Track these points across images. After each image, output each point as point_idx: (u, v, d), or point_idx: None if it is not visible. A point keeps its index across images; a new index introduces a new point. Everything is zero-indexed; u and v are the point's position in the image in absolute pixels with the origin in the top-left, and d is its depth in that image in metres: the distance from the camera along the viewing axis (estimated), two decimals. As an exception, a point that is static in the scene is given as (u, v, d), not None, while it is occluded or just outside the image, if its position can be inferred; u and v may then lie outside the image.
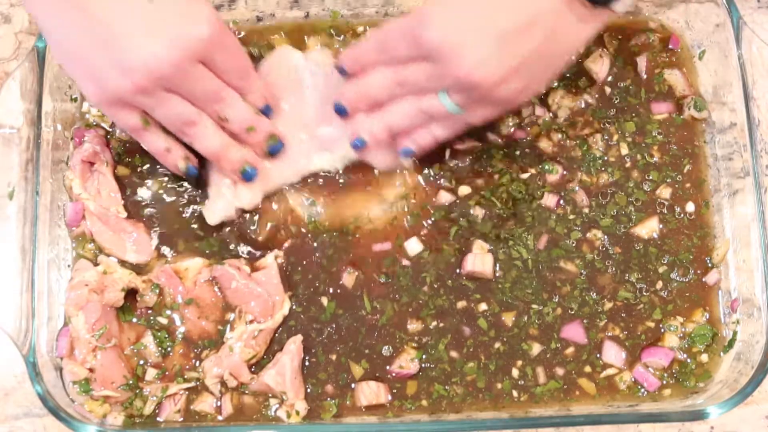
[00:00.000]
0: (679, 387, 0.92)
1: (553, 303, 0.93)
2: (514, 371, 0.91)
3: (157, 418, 0.88)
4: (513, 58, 0.81)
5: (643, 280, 0.94)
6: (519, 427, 0.87)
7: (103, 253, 0.91)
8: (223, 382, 0.88)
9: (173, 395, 0.88)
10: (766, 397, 0.96)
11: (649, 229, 0.96)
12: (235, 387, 0.89)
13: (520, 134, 0.97)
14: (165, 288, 0.90)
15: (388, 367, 0.90)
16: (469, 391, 0.90)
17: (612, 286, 0.94)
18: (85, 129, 0.94)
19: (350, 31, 0.99)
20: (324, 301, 0.91)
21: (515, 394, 0.90)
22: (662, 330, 0.93)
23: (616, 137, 0.98)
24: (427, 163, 0.95)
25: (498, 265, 0.93)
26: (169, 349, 0.89)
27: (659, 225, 0.96)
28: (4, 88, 0.88)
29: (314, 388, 0.89)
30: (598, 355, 0.92)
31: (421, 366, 0.90)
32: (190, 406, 0.88)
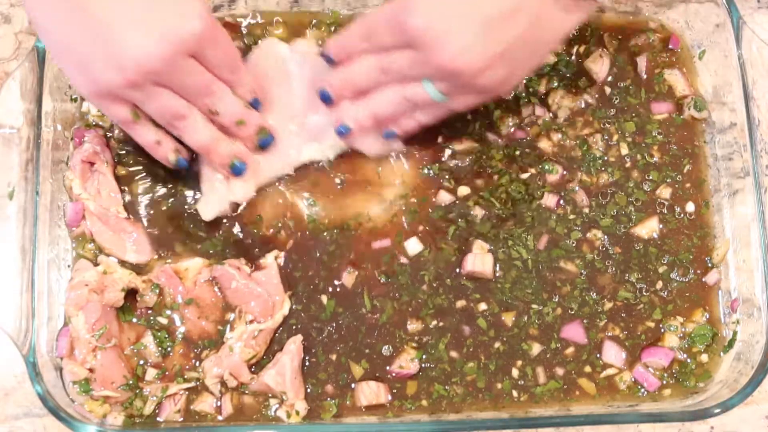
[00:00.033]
0: (679, 387, 0.92)
1: (553, 303, 0.93)
2: (514, 371, 0.91)
3: (157, 418, 0.88)
4: (497, 45, 0.80)
5: (643, 280, 0.94)
6: (519, 427, 0.87)
7: (103, 253, 0.91)
8: (223, 382, 0.88)
9: (173, 395, 0.88)
10: (766, 397, 0.96)
11: (649, 229, 0.96)
12: (235, 387, 0.89)
13: (520, 134, 0.97)
14: (165, 288, 0.90)
15: (388, 367, 0.90)
16: (469, 391, 0.90)
17: (612, 286, 0.94)
18: (85, 129, 0.94)
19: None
20: (324, 299, 0.92)
21: (515, 394, 0.90)
22: (662, 330, 0.93)
23: (616, 137, 0.98)
24: (426, 162, 0.95)
25: (498, 265, 0.93)
26: (169, 349, 0.89)
27: (659, 225, 0.96)
28: (4, 88, 0.88)
29: (314, 388, 0.89)
30: (598, 355, 0.92)
31: (421, 366, 0.90)
32: (190, 406, 0.88)
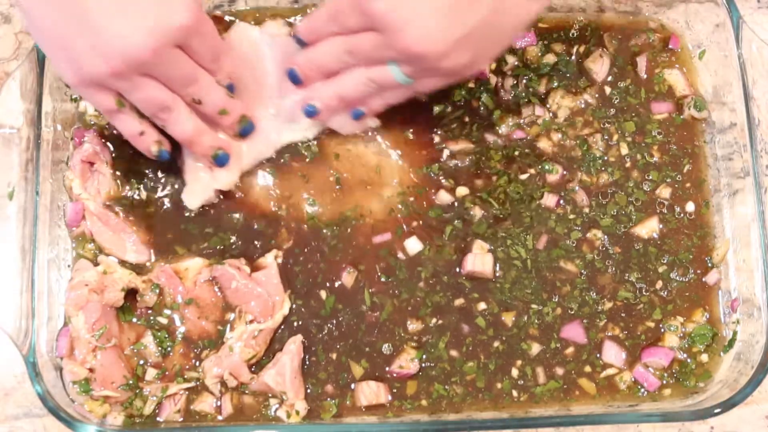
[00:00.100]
0: (679, 387, 0.92)
1: (553, 303, 0.93)
2: (514, 371, 0.91)
3: (157, 418, 0.88)
4: (459, 30, 0.81)
5: (643, 280, 0.94)
6: (519, 427, 0.87)
7: (103, 253, 0.91)
8: (223, 382, 0.88)
9: (173, 395, 0.88)
10: (766, 397, 0.96)
11: (649, 228, 0.95)
12: (235, 387, 0.89)
13: (519, 134, 0.97)
14: (165, 288, 0.90)
15: (387, 367, 0.90)
16: (468, 391, 0.90)
17: (612, 286, 0.94)
18: (85, 129, 0.94)
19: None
20: (323, 295, 0.91)
21: (515, 394, 0.90)
22: (662, 330, 0.93)
23: (616, 137, 0.98)
24: (426, 163, 0.95)
25: (498, 265, 0.93)
26: (169, 349, 0.89)
27: (659, 225, 0.96)
28: (4, 88, 0.88)
29: (314, 388, 0.89)
30: (598, 355, 0.92)
31: (421, 366, 0.90)
32: (190, 406, 0.88)
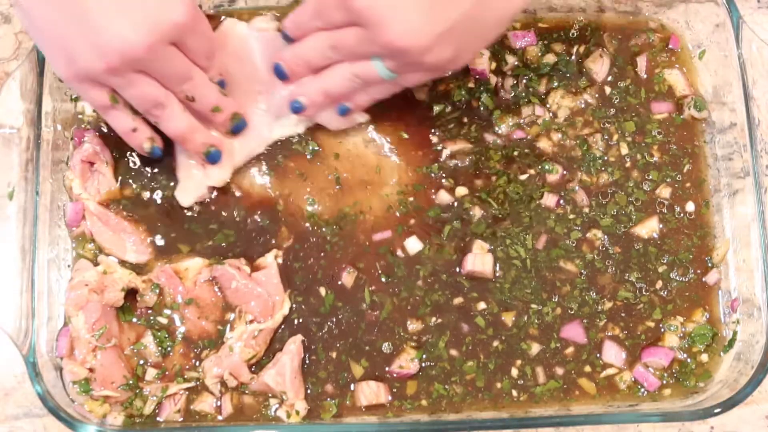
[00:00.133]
0: (679, 387, 0.92)
1: (553, 303, 0.93)
2: (514, 371, 0.91)
3: (157, 418, 0.88)
4: (441, 25, 0.81)
5: (643, 280, 0.94)
6: (519, 426, 0.87)
7: (103, 253, 0.91)
8: (223, 382, 0.88)
9: (173, 395, 0.88)
10: (766, 397, 0.96)
11: (649, 228, 0.95)
12: (235, 387, 0.89)
13: (519, 134, 0.97)
14: (165, 288, 0.90)
15: (387, 368, 0.90)
16: (468, 391, 0.90)
17: (612, 286, 0.94)
18: (85, 129, 0.94)
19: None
20: (323, 292, 0.91)
21: (515, 394, 0.90)
22: (662, 330, 0.93)
23: (616, 137, 0.98)
24: (426, 163, 0.95)
25: (497, 265, 0.93)
26: (169, 349, 0.89)
27: (659, 225, 0.96)
28: (4, 88, 0.88)
29: (314, 388, 0.89)
30: (598, 355, 0.92)
31: (421, 366, 0.90)
32: (190, 406, 0.88)
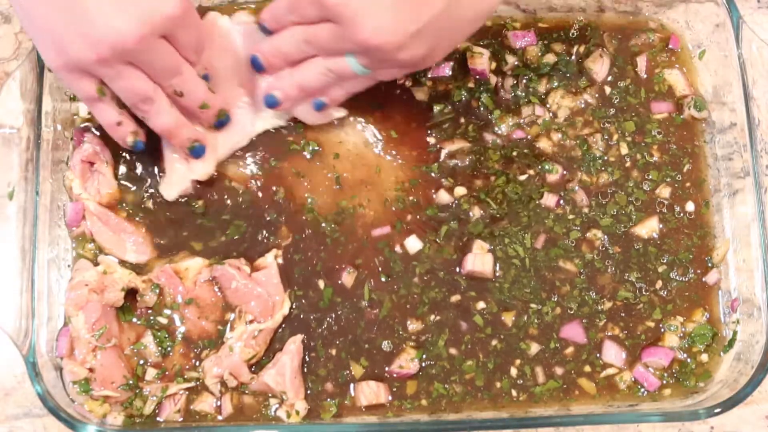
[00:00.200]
0: (679, 387, 0.92)
1: (552, 302, 0.93)
2: (513, 370, 0.91)
3: (157, 418, 0.88)
4: (414, 23, 0.81)
5: (643, 280, 0.94)
6: (519, 426, 0.87)
7: (103, 253, 0.91)
8: (223, 382, 0.88)
9: (173, 395, 0.88)
10: (766, 397, 0.96)
11: (648, 228, 0.95)
12: (235, 387, 0.89)
13: (519, 134, 0.97)
14: (165, 288, 0.90)
15: (387, 368, 0.90)
16: (468, 390, 0.90)
17: (612, 286, 0.94)
18: (85, 129, 0.94)
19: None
20: (321, 285, 0.91)
21: (514, 394, 0.90)
22: (662, 330, 0.93)
23: (616, 137, 0.98)
24: (426, 162, 0.95)
25: (497, 265, 0.93)
26: (169, 349, 0.89)
27: (659, 225, 0.96)
28: (4, 88, 0.88)
29: (314, 386, 0.89)
30: (598, 355, 0.92)
31: (421, 365, 0.90)
32: (190, 406, 0.88)
